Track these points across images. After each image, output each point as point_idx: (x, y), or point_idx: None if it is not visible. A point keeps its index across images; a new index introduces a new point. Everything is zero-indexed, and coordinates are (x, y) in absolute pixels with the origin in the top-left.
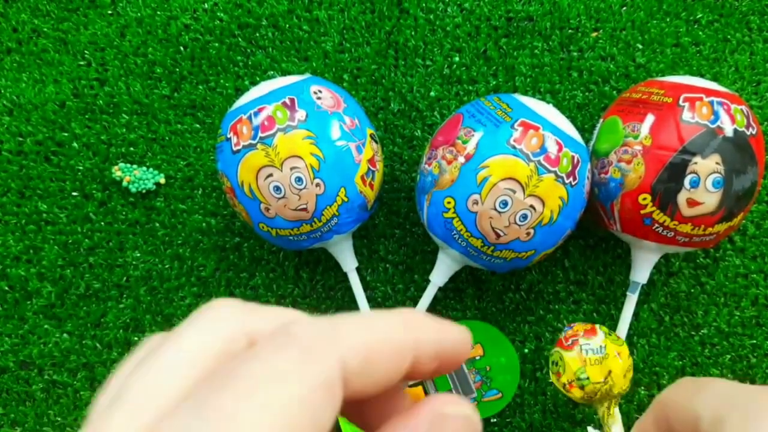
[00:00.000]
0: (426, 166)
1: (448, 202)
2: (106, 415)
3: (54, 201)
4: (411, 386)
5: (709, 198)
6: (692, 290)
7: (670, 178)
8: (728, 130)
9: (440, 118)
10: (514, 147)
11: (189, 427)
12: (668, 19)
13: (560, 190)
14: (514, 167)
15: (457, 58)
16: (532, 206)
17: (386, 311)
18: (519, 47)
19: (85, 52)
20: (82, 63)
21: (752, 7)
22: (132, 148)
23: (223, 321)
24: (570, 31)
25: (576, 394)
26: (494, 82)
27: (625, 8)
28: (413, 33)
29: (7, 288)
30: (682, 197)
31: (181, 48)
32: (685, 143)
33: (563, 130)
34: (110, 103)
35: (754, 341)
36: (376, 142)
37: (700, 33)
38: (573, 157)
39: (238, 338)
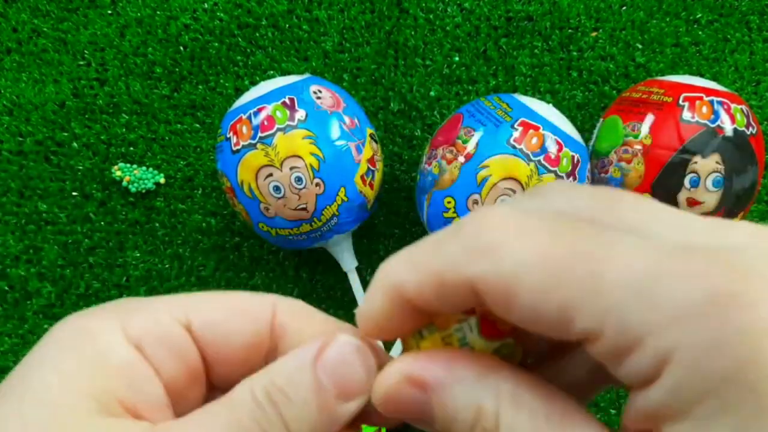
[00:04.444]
0: (426, 166)
1: (449, 202)
2: None
3: (54, 201)
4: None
5: (709, 197)
6: None
7: (670, 177)
8: (728, 129)
9: (440, 118)
10: (514, 147)
11: None
12: (668, 19)
13: None
14: (514, 167)
15: (457, 58)
16: None
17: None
18: (519, 47)
19: (85, 52)
20: (82, 63)
21: (752, 7)
22: (132, 148)
23: None
24: (570, 30)
25: None
26: (494, 82)
27: (624, 8)
28: (413, 33)
29: (7, 288)
30: (682, 197)
31: (181, 48)
32: (685, 143)
33: (563, 130)
34: (110, 103)
35: None
36: (376, 141)
37: (700, 33)
38: (573, 156)
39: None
